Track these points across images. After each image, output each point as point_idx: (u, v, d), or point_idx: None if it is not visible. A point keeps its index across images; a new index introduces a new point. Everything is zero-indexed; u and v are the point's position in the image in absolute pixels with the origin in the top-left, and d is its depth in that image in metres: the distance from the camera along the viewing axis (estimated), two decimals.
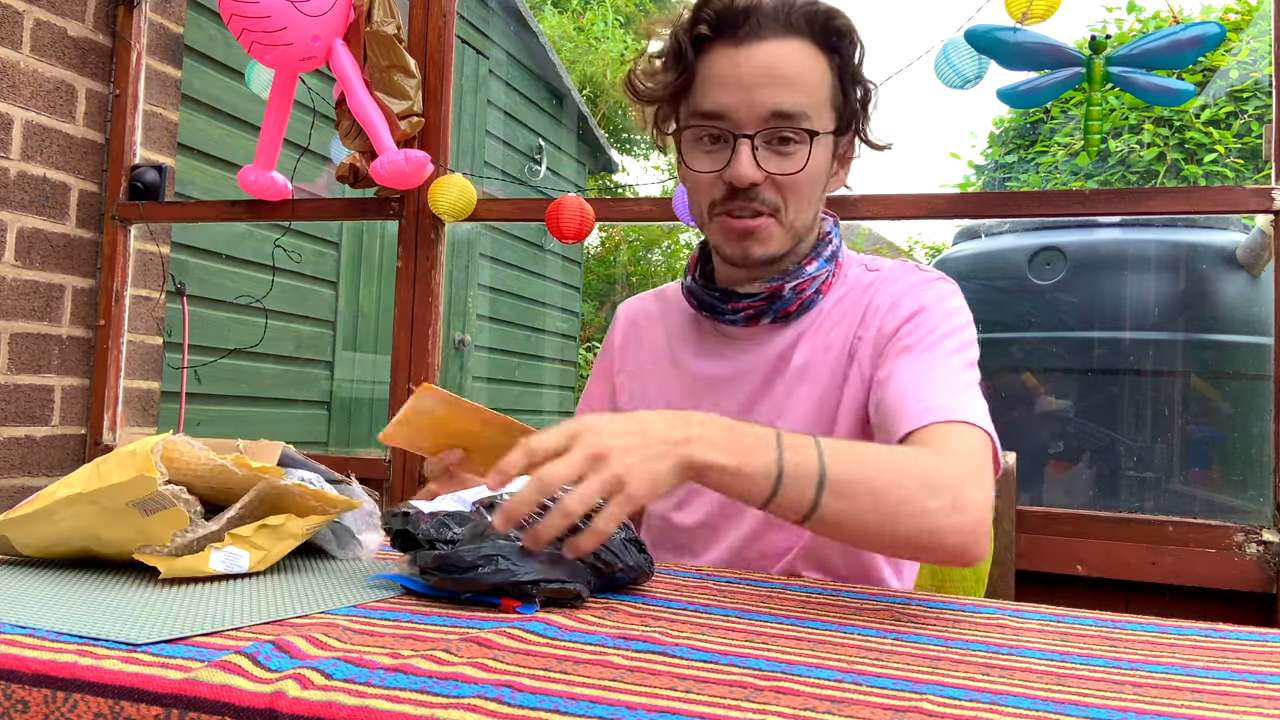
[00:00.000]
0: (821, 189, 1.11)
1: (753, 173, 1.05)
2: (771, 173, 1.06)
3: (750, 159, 1.05)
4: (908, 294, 1.10)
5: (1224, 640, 0.82)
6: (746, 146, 1.05)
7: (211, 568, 0.85)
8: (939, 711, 0.58)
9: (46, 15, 2.19)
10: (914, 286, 1.11)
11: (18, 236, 2.15)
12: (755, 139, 1.05)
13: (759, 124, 1.05)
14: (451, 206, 1.99)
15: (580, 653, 0.67)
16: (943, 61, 1.71)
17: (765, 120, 1.05)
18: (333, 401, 4.48)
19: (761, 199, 1.06)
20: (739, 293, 1.13)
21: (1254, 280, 2.43)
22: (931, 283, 1.12)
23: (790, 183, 1.06)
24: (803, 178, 1.06)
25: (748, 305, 1.13)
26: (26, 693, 0.60)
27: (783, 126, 1.05)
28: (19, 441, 2.18)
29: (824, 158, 1.09)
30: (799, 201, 1.08)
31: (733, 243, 1.09)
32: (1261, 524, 1.57)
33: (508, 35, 6.51)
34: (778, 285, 1.12)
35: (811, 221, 1.12)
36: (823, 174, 1.10)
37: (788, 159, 1.06)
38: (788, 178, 1.06)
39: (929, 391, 0.99)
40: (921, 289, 1.11)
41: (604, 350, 1.33)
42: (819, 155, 1.07)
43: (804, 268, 1.13)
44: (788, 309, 1.13)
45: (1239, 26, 4.16)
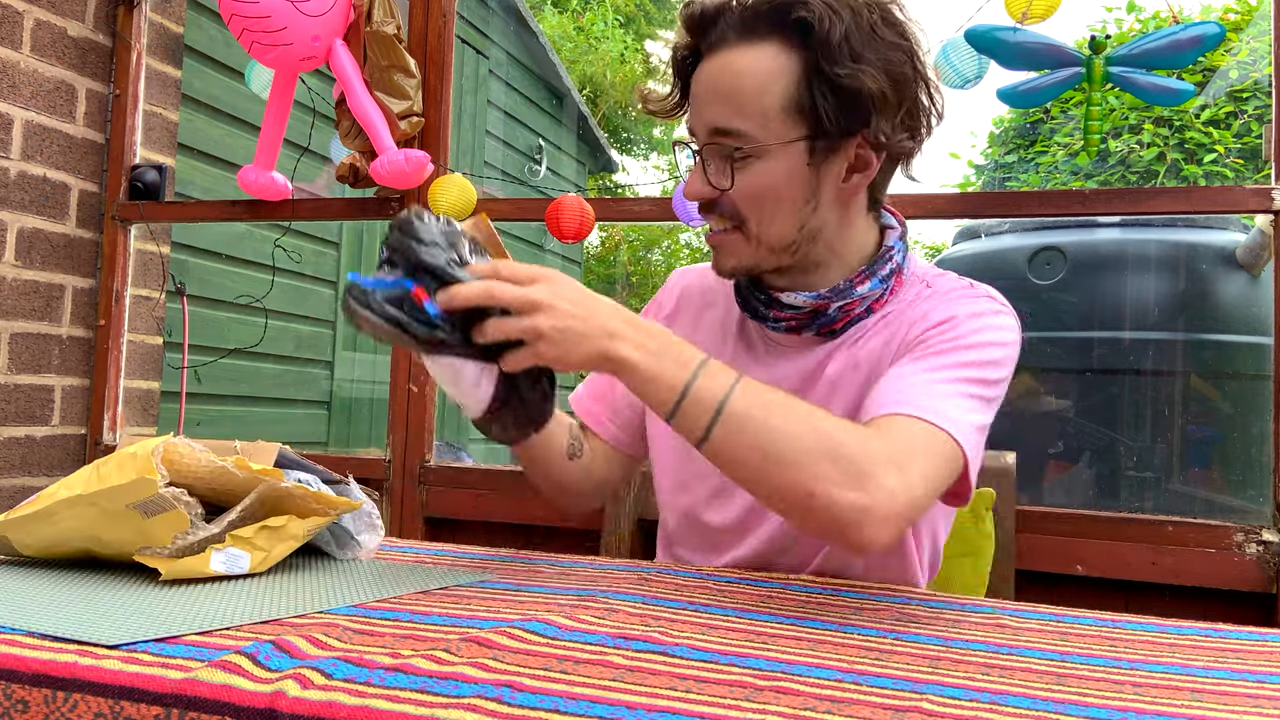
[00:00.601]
0: (800, 200, 1.03)
1: (698, 188, 1.04)
2: (720, 188, 1.02)
3: (700, 175, 1.03)
4: (942, 305, 1.05)
5: (1224, 640, 0.82)
6: (698, 163, 1.04)
7: (212, 569, 0.85)
8: (939, 711, 0.58)
9: (46, 15, 2.19)
10: (952, 299, 1.06)
11: (18, 236, 2.15)
12: (704, 154, 1.03)
13: (704, 139, 1.03)
14: (451, 206, 1.99)
15: (580, 653, 0.67)
16: (943, 61, 1.71)
17: (709, 136, 1.03)
18: (333, 401, 4.48)
19: (720, 211, 1.05)
20: (783, 302, 1.08)
21: (1254, 280, 2.43)
22: (976, 299, 1.06)
23: (745, 197, 1.02)
24: (750, 190, 1.02)
25: (790, 317, 1.09)
26: (26, 693, 0.60)
27: (722, 142, 1.01)
28: (19, 441, 2.18)
29: (780, 170, 1.01)
30: (762, 214, 1.03)
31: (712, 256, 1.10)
32: (1261, 524, 1.57)
33: (508, 35, 6.51)
34: (823, 303, 1.07)
35: (795, 234, 1.04)
36: (785, 185, 1.02)
37: (739, 173, 1.02)
38: (733, 193, 1.02)
39: (909, 388, 0.94)
40: (958, 301, 1.05)
41: (651, 309, 1.28)
42: (767, 169, 1.01)
43: (855, 287, 1.07)
44: (832, 326, 1.08)
45: (1239, 26, 4.16)
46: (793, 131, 1.01)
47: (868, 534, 0.85)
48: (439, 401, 2.10)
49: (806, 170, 1.02)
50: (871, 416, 0.93)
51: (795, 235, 1.05)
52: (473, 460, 4.61)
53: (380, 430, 2.15)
